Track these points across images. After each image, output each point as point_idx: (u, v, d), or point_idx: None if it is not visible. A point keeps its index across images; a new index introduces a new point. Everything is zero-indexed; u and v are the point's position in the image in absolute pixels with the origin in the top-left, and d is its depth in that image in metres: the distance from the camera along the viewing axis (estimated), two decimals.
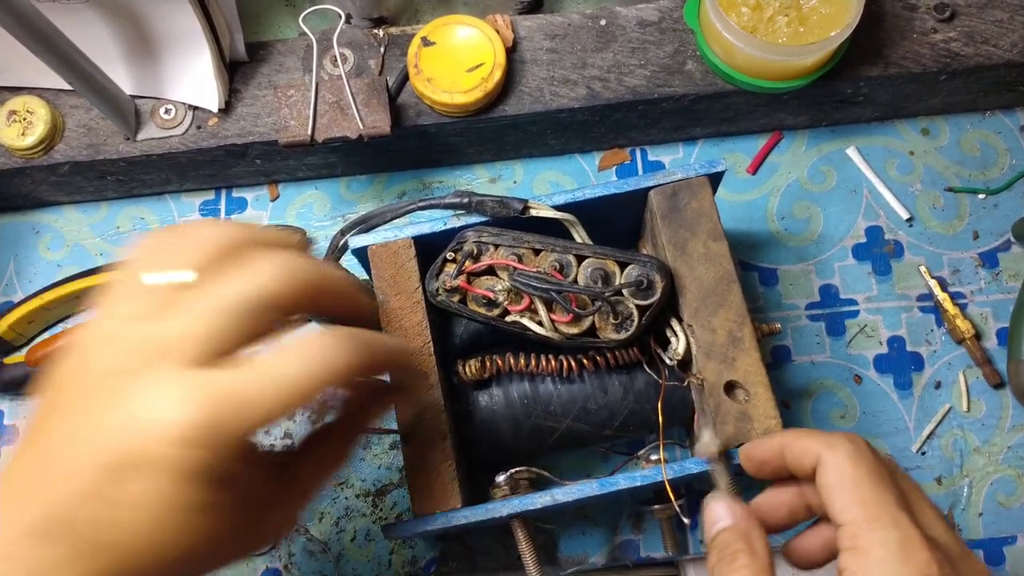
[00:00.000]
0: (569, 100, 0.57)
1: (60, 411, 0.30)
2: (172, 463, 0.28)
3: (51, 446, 0.29)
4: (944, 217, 0.62)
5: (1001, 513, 0.56)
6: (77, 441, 0.29)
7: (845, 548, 0.33)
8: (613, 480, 0.45)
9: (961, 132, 0.64)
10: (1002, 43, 0.58)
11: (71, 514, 0.28)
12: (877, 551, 0.32)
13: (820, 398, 0.58)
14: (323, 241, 0.63)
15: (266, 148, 0.59)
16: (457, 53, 0.56)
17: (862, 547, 0.32)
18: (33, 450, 0.30)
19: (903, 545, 0.32)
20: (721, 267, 0.46)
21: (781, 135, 0.64)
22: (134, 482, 0.28)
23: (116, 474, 0.28)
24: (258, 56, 0.60)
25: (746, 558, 0.35)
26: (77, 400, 0.30)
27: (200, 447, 0.28)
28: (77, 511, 0.28)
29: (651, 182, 0.48)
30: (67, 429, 0.29)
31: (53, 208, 0.64)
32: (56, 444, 0.29)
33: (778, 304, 0.60)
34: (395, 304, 0.46)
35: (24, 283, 0.62)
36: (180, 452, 0.28)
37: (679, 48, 0.58)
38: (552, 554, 0.55)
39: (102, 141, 0.58)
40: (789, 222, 0.62)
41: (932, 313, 0.60)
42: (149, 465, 0.28)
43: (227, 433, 0.29)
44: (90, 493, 0.28)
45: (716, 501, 0.38)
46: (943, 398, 0.58)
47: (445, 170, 0.64)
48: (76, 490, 0.28)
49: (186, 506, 0.29)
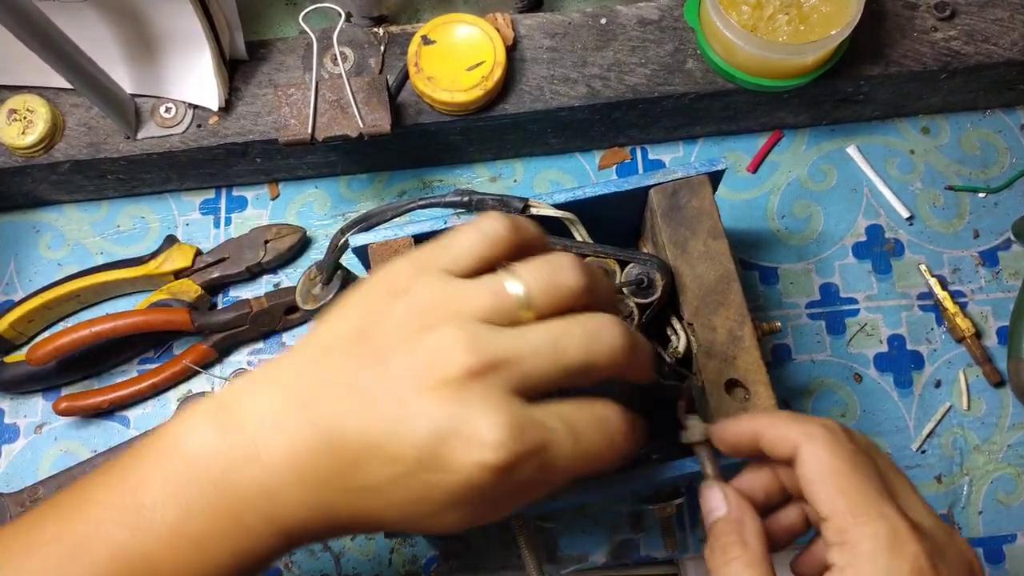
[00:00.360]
0: (569, 99, 0.57)
1: (379, 361, 0.31)
2: (473, 479, 0.30)
3: (366, 389, 0.31)
4: (944, 216, 0.62)
5: (1001, 511, 0.56)
6: (398, 409, 0.30)
7: (832, 543, 0.33)
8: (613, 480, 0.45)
9: (961, 131, 0.64)
10: (1002, 42, 0.58)
11: (366, 459, 0.30)
12: (866, 545, 0.32)
13: (820, 397, 0.58)
14: (323, 240, 0.63)
15: (266, 147, 0.59)
16: (457, 52, 0.56)
17: (850, 541, 0.32)
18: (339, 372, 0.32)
19: (892, 538, 0.32)
20: (721, 266, 0.46)
21: (781, 134, 0.64)
22: (427, 476, 0.30)
23: (428, 461, 0.30)
24: (258, 55, 0.60)
25: (738, 550, 0.34)
26: (402, 360, 0.31)
27: (498, 474, 0.30)
28: (373, 461, 0.30)
29: (651, 181, 0.48)
30: (386, 384, 0.31)
31: (53, 207, 0.64)
32: (373, 394, 0.31)
33: (778, 303, 0.60)
34: None
35: (24, 282, 0.62)
36: (483, 474, 0.29)
37: (679, 46, 0.58)
38: (552, 553, 0.55)
39: (102, 140, 0.58)
40: (789, 221, 0.62)
41: (932, 312, 0.60)
42: (451, 472, 0.30)
43: (523, 475, 0.30)
44: (394, 458, 0.30)
45: (710, 489, 0.37)
46: (943, 397, 0.58)
47: (445, 169, 0.64)
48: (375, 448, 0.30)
49: (456, 505, 0.31)
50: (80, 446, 0.59)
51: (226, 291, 0.62)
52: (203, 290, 0.59)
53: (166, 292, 0.59)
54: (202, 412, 0.33)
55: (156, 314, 0.57)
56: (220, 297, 0.62)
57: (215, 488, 0.31)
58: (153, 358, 0.61)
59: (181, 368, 0.58)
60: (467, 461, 0.29)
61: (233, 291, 0.62)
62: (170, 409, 0.59)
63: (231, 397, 0.33)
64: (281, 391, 0.32)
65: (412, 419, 0.30)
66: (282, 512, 0.32)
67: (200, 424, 0.33)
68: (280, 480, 0.31)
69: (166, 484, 0.32)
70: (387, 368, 0.31)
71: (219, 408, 0.33)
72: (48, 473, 0.58)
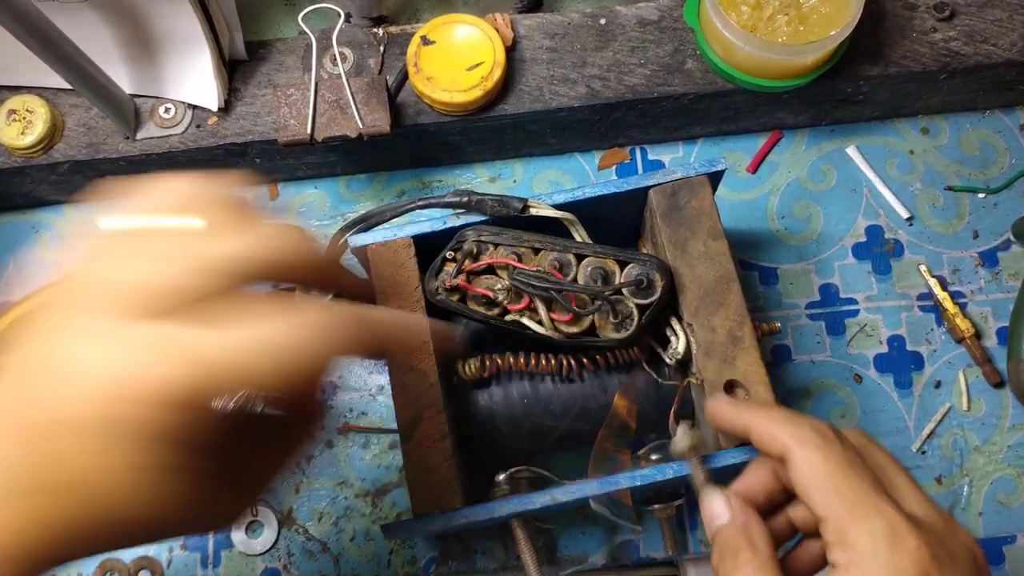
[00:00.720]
0: (569, 99, 0.57)
1: (14, 349, 0.28)
2: (135, 423, 0.26)
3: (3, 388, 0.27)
4: (944, 216, 0.62)
5: (1001, 512, 0.56)
6: (26, 387, 0.27)
7: (832, 542, 0.33)
8: (613, 480, 0.45)
9: (961, 131, 0.64)
10: (1001, 42, 0.58)
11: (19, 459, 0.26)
12: (864, 542, 0.32)
13: (820, 397, 0.58)
14: (323, 240, 0.63)
15: (266, 147, 0.59)
16: (457, 52, 0.56)
17: (849, 541, 0.32)
18: None
19: (890, 533, 0.32)
20: (721, 266, 0.46)
21: (781, 134, 0.64)
22: (76, 439, 0.26)
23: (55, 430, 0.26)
24: (258, 55, 0.60)
25: (748, 554, 0.34)
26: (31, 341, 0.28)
27: (171, 408, 0.26)
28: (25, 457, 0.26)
29: (651, 181, 0.48)
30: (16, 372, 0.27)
31: (53, 207, 0.64)
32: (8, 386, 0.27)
33: (778, 303, 0.60)
34: (394, 303, 0.46)
35: (24, 282, 0.62)
36: (145, 411, 0.26)
37: (679, 47, 0.58)
38: (552, 554, 0.55)
39: (102, 140, 0.58)
40: (789, 221, 0.62)
41: (932, 312, 0.60)
42: (108, 422, 0.26)
43: (203, 397, 0.27)
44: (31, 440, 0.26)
45: (713, 497, 0.37)
46: (943, 397, 0.58)
47: (445, 169, 0.64)
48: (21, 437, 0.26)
49: (145, 467, 0.27)
50: None
51: None
52: None
53: None
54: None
55: None
56: None
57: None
58: None
59: None
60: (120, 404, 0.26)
61: None
62: None
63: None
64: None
65: None
66: None
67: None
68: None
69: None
70: None
71: None
72: None
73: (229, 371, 0.27)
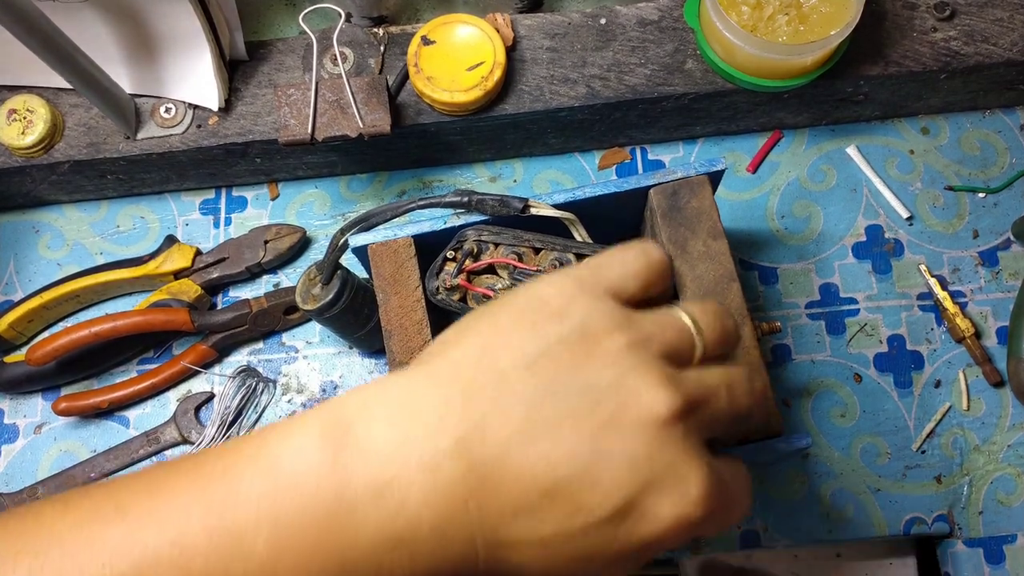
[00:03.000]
0: (569, 99, 0.57)
1: (557, 393, 0.27)
2: (666, 532, 0.27)
3: (547, 424, 0.27)
4: (944, 216, 0.62)
5: (1001, 512, 0.56)
6: (596, 448, 0.27)
7: None
8: None
9: (961, 131, 0.64)
10: (1002, 42, 0.58)
11: (541, 506, 0.26)
12: None
13: (820, 397, 0.58)
14: (323, 240, 0.63)
15: (266, 147, 0.59)
16: (457, 52, 0.56)
17: None
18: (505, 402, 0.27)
19: None
20: (721, 265, 0.46)
21: (781, 134, 0.64)
22: (614, 529, 0.27)
23: (626, 511, 0.27)
24: (258, 55, 0.60)
25: None
26: (589, 394, 0.27)
27: (689, 531, 0.27)
28: (551, 509, 0.26)
29: (651, 181, 0.48)
30: (572, 422, 0.27)
31: (53, 207, 0.64)
32: (556, 431, 0.27)
33: (778, 303, 0.60)
34: (395, 303, 0.46)
35: (24, 282, 0.62)
36: (680, 527, 0.27)
37: (679, 47, 0.58)
38: None
39: (102, 140, 0.58)
40: (789, 221, 0.62)
41: (932, 312, 0.60)
42: (646, 523, 0.27)
43: (694, 436, 0.28)
44: (582, 508, 0.26)
45: None
46: (943, 397, 0.58)
47: (445, 169, 0.64)
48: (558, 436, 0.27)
49: (625, 560, 0.28)
50: (80, 446, 0.59)
51: (226, 291, 0.62)
52: (203, 290, 0.59)
53: (166, 292, 0.59)
54: (313, 425, 0.27)
55: (156, 314, 0.57)
56: (220, 297, 0.62)
57: (321, 523, 0.26)
58: (153, 358, 0.61)
59: (181, 368, 0.58)
60: (670, 513, 0.26)
61: (233, 291, 0.62)
62: (170, 409, 0.59)
63: (352, 413, 0.28)
64: (424, 417, 0.27)
65: (614, 462, 0.26)
66: (404, 564, 0.26)
67: (310, 439, 0.27)
68: (414, 525, 0.26)
69: (262, 505, 0.26)
70: (569, 400, 0.27)
71: (336, 425, 0.27)
72: (48, 473, 0.58)
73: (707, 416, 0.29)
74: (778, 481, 0.56)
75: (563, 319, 0.28)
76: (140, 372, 0.60)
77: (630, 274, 0.31)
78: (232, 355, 0.61)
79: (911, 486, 0.56)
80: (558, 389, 0.27)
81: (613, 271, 0.31)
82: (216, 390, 0.60)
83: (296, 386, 0.60)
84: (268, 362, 0.60)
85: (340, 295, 0.50)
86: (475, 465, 0.26)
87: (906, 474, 0.56)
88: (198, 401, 0.59)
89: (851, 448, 0.57)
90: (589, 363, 0.28)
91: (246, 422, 0.59)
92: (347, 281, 0.51)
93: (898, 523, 0.56)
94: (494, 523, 0.26)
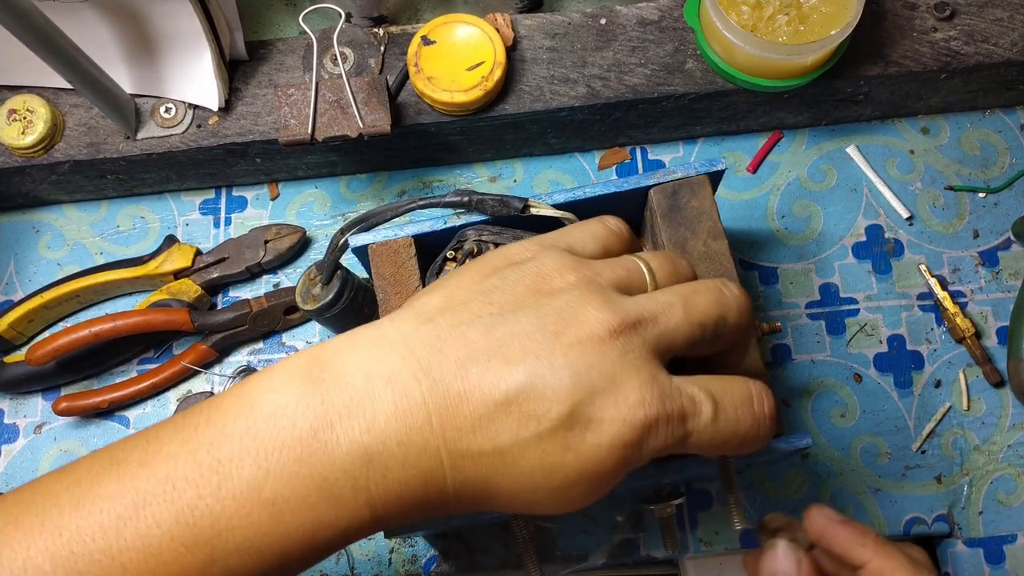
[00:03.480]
0: (569, 99, 0.57)
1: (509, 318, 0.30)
2: (620, 438, 0.29)
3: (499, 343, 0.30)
4: (944, 216, 0.62)
5: (1001, 512, 0.56)
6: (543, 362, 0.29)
7: None
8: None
9: (961, 131, 0.64)
10: (1002, 42, 0.58)
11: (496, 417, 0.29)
12: None
13: (820, 397, 0.58)
14: (323, 240, 0.63)
15: (266, 147, 0.59)
16: (457, 52, 0.56)
17: None
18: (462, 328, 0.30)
19: None
20: (721, 266, 0.46)
21: (781, 134, 0.64)
22: (566, 437, 0.29)
23: (573, 418, 0.29)
24: (258, 55, 0.60)
25: None
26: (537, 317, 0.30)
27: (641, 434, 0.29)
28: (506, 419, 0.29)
29: (651, 181, 0.48)
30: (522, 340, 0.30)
31: (53, 207, 0.64)
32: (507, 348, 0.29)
33: (778, 303, 0.60)
34: (395, 303, 0.46)
35: (24, 282, 0.62)
36: (629, 432, 0.29)
37: (679, 47, 0.58)
38: (552, 553, 0.55)
39: (102, 140, 0.58)
40: (789, 221, 0.62)
41: (932, 312, 0.60)
42: (595, 430, 0.29)
43: (656, 441, 0.30)
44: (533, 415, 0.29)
45: (783, 549, 0.37)
46: (943, 397, 0.58)
47: (445, 169, 0.64)
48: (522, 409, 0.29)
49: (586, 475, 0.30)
50: (80, 446, 0.59)
51: (226, 291, 0.62)
52: (203, 290, 0.60)
53: (166, 292, 0.59)
54: (292, 365, 0.30)
55: (156, 314, 0.57)
56: (220, 297, 0.62)
57: (301, 446, 0.28)
58: (153, 358, 0.61)
59: (181, 368, 0.58)
60: (616, 417, 0.29)
61: (233, 291, 0.62)
62: (169, 409, 0.59)
63: (327, 353, 0.31)
64: (390, 347, 0.30)
65: (559, 373, 0.29)
66: (377, 480, 0.29)
67: (290, 378, 0.30)
68: (382, 439, 0.28)
69: (245, 439, 0.28)
70: (519, 324, 0.30)
71: (312, 362, 0.30)
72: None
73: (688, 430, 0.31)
74: (778, 481, 0.56)
75: (521, 264, 0.32)
76: (140, 372, 0.60)
77: (588, 237, 0.34)
78: (232, 355, 0.61)
79: (911, 486, 0.56)
80: (510, 315, 0.30)
81: (573, 235, 0.34)
82: (216, 390, 0.60)
83: None
84: (268, 362, 0.60)
85: (340, 295, 0.50)
86: (435, 383, 0.29)
87: (906, 474, 0.56)
88: (198, 401, 0.59)
89: (851, 448, 0.57)
90: (540, 294, 0.31)
91: None
92: (347, 281, 0.51)
93: (898, 523, 0.56)
94: (454, 435, 0.29)
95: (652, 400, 0.29)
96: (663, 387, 0.30)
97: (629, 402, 0.29)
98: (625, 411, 0.29)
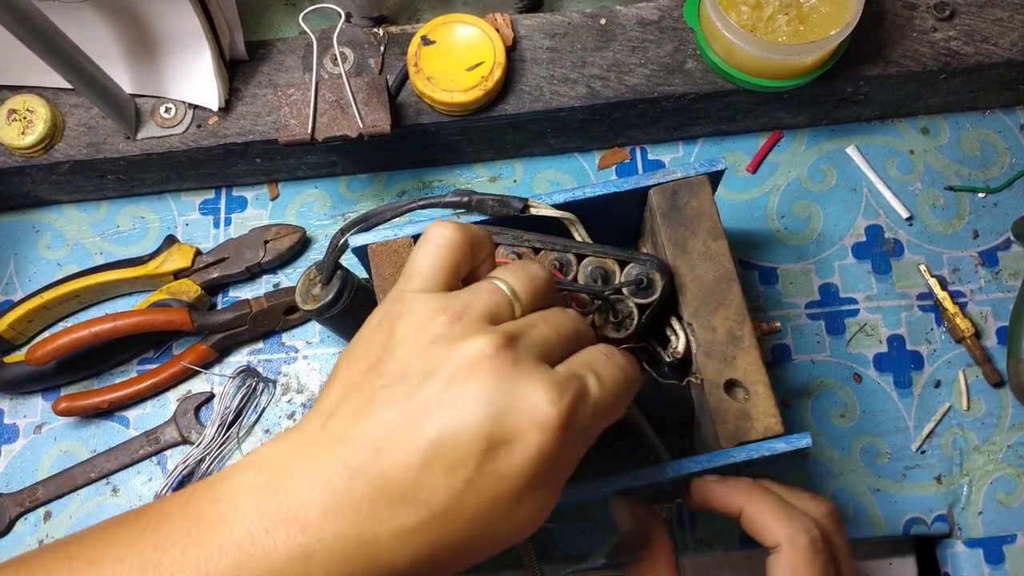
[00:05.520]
0: (569, 99, 0.57)
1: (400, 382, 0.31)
2: (543, 445, 0.30)
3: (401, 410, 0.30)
4: (944, 216, 0.62)
5: (1001, 512, 0.56)
6: (445, 409, 0.30)
7: None
8: (613, 479, 0.45)
9: (961, 131, 0.64)
10: (1002, 42, 0.58)
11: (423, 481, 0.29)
12: None
13: (820, 397, 0.58)
14: (323, 240, 0.63)
15: (266, 147, 0.59)
16: (457, 52, 0.56)
17: None
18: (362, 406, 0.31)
19: None
20: (721, 266, 0.46)
21: (781, 134, 0.64)
22: (495, 465, 0.29)
23: (493, 446, 0.29)
24: (258, 55, 0.60)
25: None
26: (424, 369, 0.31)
27: (560, 432, 0.30)
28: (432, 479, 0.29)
29: (651, 181, 0.48)
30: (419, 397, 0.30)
31: (53, 207, 0.64)
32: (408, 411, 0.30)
33: (778, 303, 0.60)
34: None
35: (24, 282, 0.62)
36: (549, 436, 0.30)
37: (679, 47, 0.58)
38: (552, 553, 0.55)
39: (102, 140, 0.58)
40: (789, 221, 0.62)
41: (932, 312, 0.60)
42: (518, 446, 0.30)
43: (578, 427, 0.31)
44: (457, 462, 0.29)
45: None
46: (943, 397, 0.58)
47: (445, 169, 0.64)
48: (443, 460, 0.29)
49: (528, 488, 0.30)
50: (80, 446, 0.59)
51: (226, 291, 0.62)
52: (203, 290, 0.60)
53: (166, 292, 0.59)
54: (234, 474, 0.31)
55: (156, 314, 0.57)
56: (220, 297, 0.62)
57: (240, 552, 0.29)
58: (153, 358, 0.61)
59: (181, 368, 0.58)
60: (531, 426, 0.29)
61: (233, 291, 0.62)
62: (169, 409, 0.59)
63: (259, 459, 0.32)
64: (306, 449, 0.31)
65: (464, 411, 0.29)
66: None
67: (233, 489, 0.31)
68: (318, 537, 0.29)
69: (187, 546, 0.29)
70: (411, 384, 0.30)
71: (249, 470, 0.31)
72: (48, 473, 0.58)
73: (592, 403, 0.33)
74: None
75: (390, 327, 0.32)
76: (140, 372, 0.60)
77: (427, 266, 0.34)
78: (232, 355, 0.61)
79: (911, 486, 0.56)
80: (403, 380, 0.31)
81: (418, 268, 0.34)
82: (216, 390, 0.60)
83: (296, 386, 0.60)
84: (268, 362, 0.60)
85: (340, 295, 0.50)
86: (355, 472, 0.29)
87: (906, 474, 0.56)
88: (198, 401, 0.59)
89: (851, 448, 0.57)
90: (422, 348, 0.31)
91: (246, 422, 0.59)
92: (347, 281, 0.51)
93: (898, 523, 0.56)
94: (388, 515, 0.29)
95: (556, 394, 0.30)
96: (558, 379, 0.31)
97: (538, 406, 0.30)
98: (538, 416, 0.30)
